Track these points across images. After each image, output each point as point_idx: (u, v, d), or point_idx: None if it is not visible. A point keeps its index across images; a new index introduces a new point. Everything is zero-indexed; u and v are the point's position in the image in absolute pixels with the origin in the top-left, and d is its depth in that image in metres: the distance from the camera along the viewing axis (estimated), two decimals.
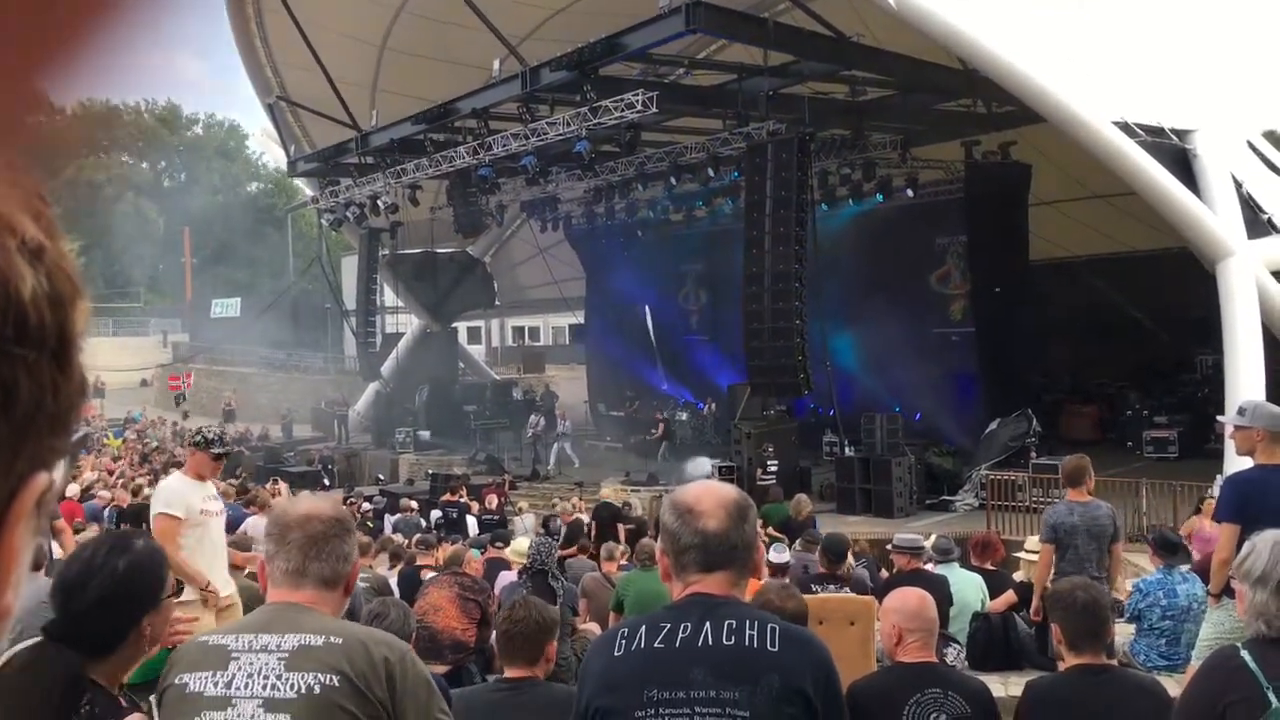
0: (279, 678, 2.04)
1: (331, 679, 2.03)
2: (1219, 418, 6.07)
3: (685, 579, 2.21)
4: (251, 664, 2.05)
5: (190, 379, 39.04)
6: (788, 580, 6.82)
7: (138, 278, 59.56)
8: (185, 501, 5.48)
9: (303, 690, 2.02)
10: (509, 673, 3.87)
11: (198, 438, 5.74)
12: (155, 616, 2.26)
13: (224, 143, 67.05)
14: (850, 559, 8.90)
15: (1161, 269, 20.78)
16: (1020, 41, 15.41)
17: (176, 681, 2.09)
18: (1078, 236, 24.18)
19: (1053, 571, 6.36)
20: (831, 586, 7.36)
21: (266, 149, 57.44)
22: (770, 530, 12.38)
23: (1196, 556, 7.68)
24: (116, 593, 2.19)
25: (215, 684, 2.05)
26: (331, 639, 2.07)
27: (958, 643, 6.67)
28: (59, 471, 0.52)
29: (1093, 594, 3.56)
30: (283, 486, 18.52)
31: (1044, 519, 6.50)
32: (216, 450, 5.63)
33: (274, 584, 2.16)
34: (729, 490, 2.28)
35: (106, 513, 14.63)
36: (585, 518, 14.04)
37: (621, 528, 14.60)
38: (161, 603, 2.29)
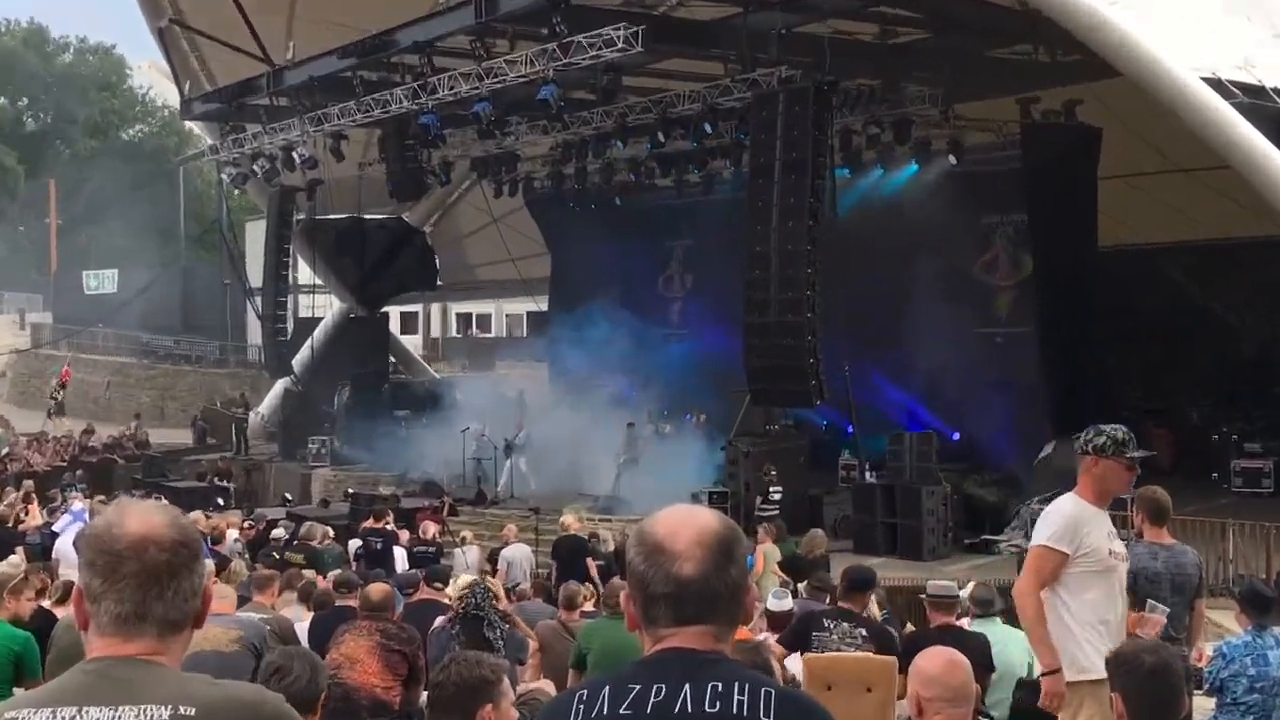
0: None
1: None
2: None
3: (655, 632, 2.17)
4: None
5: (69, 373, 38.59)
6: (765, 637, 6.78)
7: None
8: (1079, 535, 4.99)
9: None
10: None
11: (1108, 439, 4.96)
12: None
13: (102, 75, 66.51)
14: (874, 604, 8.83)
15: (1256, 260, 20.89)
16: None
17: None
18: (1155, 219, 24.25)
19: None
20: (846, 625, 7.10)
21: (155, 84, 57.12)
22: (777, 570, 12.49)
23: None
24: None
25: None
26: (181, 710, 1.91)
27: (990, 718, 6.65)
28: None
29: (1163, 658, 3.55)
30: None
31: None
32: (1131, 455, 4.97)
33: (99, 630, 2.00)
34: (711, 520, 2.20)
35: None
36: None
37: (592, 563, 14.57)
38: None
